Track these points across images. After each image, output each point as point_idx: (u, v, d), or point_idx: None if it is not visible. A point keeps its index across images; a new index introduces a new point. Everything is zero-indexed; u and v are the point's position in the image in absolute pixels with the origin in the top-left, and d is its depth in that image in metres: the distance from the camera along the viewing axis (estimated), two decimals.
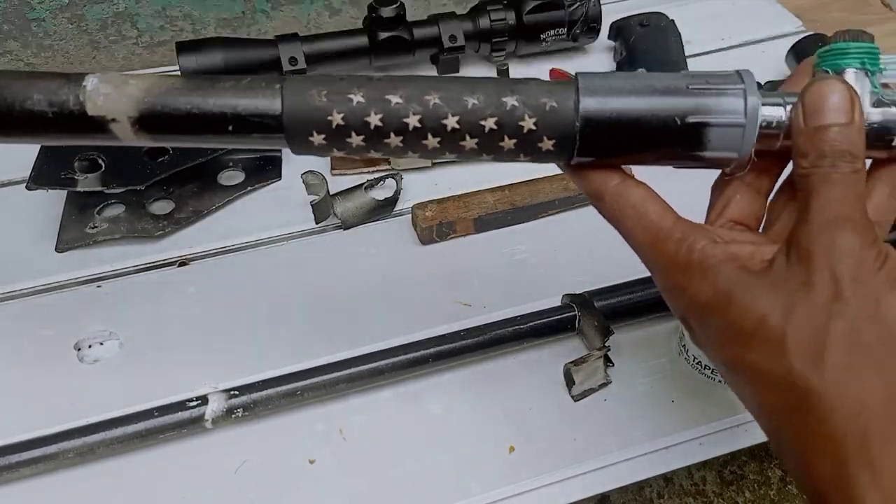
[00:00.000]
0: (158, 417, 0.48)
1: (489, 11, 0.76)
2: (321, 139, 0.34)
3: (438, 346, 0.51)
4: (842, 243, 0.31)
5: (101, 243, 0.62)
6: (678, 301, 0.34)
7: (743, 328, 0.31)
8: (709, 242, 0.33)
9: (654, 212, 0.34)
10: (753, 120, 0.33)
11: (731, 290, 0.32)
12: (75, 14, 0.79)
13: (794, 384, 0.30)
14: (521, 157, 0.35)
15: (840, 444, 0.29)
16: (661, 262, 0.34)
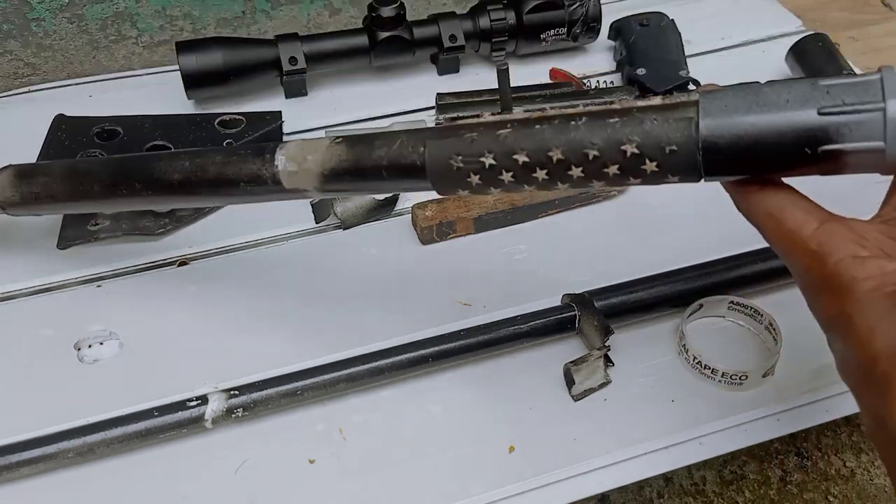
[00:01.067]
0: (158, 417, 0.48)
1: (489, 11, 0.76)
2: (465, 192, 0.39)
3: (438, 346, 0.51)
4: None
5: (102, 241, 0.62)
6: (814, 310, 0.33)
7: (874, 369, 0.29)
8: (846, 257, 0.31)
9: (791, 219, 0.33)
10: (894, 141, 0.30)
11: (870, 320, 0.30)
12: (75, 14, 0.79)
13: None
14: (645, 184, 0.36)
15: None
16: (796, 272, 0.33)
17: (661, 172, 0.34)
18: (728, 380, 0.51)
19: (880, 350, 0.29)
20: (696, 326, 0.55)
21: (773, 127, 0.32)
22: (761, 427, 0.51)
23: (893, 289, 0.30)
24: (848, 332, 0.30)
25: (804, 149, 0.31)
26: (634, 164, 0.34)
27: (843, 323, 0.31)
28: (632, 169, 0.34)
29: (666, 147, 0.33)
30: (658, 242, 0.62)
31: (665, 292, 0.55)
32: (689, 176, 0.34)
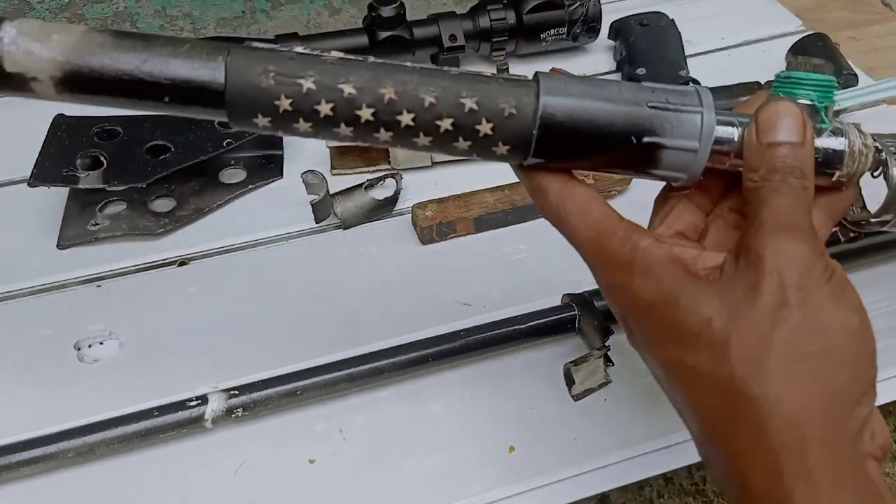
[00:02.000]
0: (158, 417, 0.48)
1: (489, 11, 0.76)
2: (266, 122, 0.33)
3: (438, 346, 0.51)
4: (792, 251, 0.31)
5: (102, 240, 0.62)
6: (620, 299, 0.34)
7: (686, 330, 0.31)
8: (653, 241, 0.33)
9: (598, 209, 0.34)
10: (707, 143, 0.34)
11: (676, 292, 0.32)
12: (75, 14, 0.79)
13: (735, 390, 0.30)
14: (473, 156, 0.35)
15: (777, 454, 0.29)
16: (603, 260, 0.34)
17: (492, 138, 0.33)
18: None
19: (714, 317, 0.31)
20: None
21: (607, 112, 0.33)
22: None
23: (708, 270, 0.33)
24: (673, 308, 0.32)
25: (631, 137, 0.33)
26: (469, 121, 0.33)
27: (667, 301, 0.32)
28: (465, 127, 0.33)
29: (505, 109, 0.33)
30: None
31: None
32: (518, 149, 0.33)
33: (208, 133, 0.66)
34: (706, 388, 0.31)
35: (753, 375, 0.30)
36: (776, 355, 0.30)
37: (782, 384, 0.29)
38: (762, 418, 0.29)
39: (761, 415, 0.29)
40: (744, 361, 0.30)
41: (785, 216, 0.32)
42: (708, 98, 0.34)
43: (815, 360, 0.30)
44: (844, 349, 0.30)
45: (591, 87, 0.34)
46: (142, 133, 0.66)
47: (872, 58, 0.83)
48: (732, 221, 0.37)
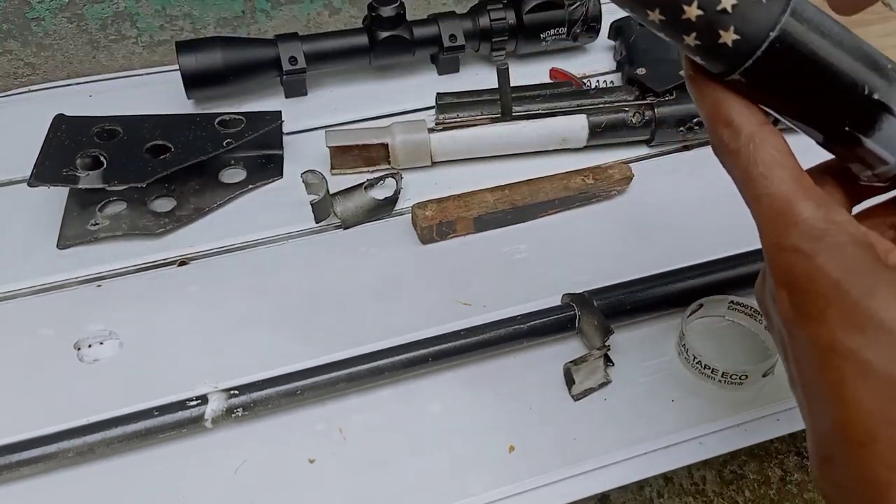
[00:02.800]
0: (158, 417, 0.48)
1: (489, 11, 0.76)
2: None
3: (438, 346, 0.51)
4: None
5: (102, 240, 0.62)
6: (797, 266, 0.31)
7: (876, 322, 0.29)
8: (850, 219, 0.31)
9: (794, 166, 0.31)
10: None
11: (873, 279, 0.30)
12: (75, 13, 0.79)
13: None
14: (690, 37, 0.30)
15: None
16: (790, 221, 0.31)
17: (728, 16, 0.29)
18: (728, 380, 0.52)
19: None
20: (696, 326, 0.55)
21: (852, 50, 0.30)
22: (761, 427, 0.51)
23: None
24: (868, 296, 0.30)
25: (864, 85, 0.30)
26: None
27: (859, 286, 0.30)
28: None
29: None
30: (658, 242, 0.62)
31: (665, 292, 0.55)
32: (743, 46, 0.30)
33: (208, 133, 0.67)
34: (874, 387, 0.29)
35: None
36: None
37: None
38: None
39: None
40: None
41: None
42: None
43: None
44: None
45: (838, 23, 0.31)
46: (142, 133, 0.66)
47: None
48: (892, 237, 0.35)
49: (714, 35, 0.30)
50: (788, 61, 0.30)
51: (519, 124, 0.67)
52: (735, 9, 0.29)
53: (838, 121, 0.31)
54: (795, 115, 0.32)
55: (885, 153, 0.32)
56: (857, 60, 0.30)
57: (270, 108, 0.70)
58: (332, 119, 0.74)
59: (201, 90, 0.72)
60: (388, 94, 0.77)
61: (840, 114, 0.31)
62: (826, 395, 0.31)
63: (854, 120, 0.31)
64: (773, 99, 0.32)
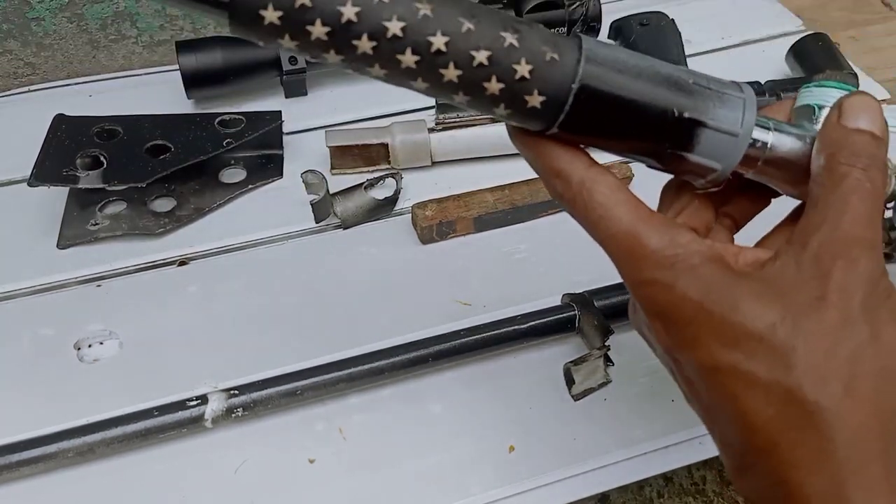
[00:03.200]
0: (158, 417, 0.48)
1: None
2: (276, 16, 0.27)
3: (438, 346, 0.51)
4: (863, 268, 0.30)
5: (102, 240, 0.62)
6: (659, 297, 0.32)
7: (746, 334, 0.30)
8: (693, 237, 0.32)
9: (629, 200, 0.32)
10: (747, 133, 0.32)
11: (733, 293, 0.30)
12: (75, 13, 0.79)
13: (800, 400, 0.29)
14: (500, 108, 0.31)
15: (841, 466, 0.29)
16: (639, 256, 0.32)
17: (528, 83, 0.30)
18: None
19: (779, 323, 0.30)
20: None
21: (652, 79, 0.31)
22: None
23: (755, 268, 0.31)
24: (732, 310, 0.30)
25: (672, 110, 0.31)
26: (507, 58, 0.29)
27: (722, 302, 0.31)
28: (501, 64, 0.29)
29: (547, 53, 0.30)
30: None
31: None
32: (551, 106, 0.30)
33: (208, 133, 0.67)
34: (764, 396, 0.30)
35: (820, 387, 0.29)
36: (841, 370, 0.29)
37: (847, 399, 0.29)
38: (829, 429, 0.29)
39: (828, 426, 0.29)
40: (810, 372, 0.29)
41: (863, 229, 0.30)
42: (749, 89, 0.33)
43: (877, 377, 0.30)
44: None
45: (634, 53, 0.32)
46: (142, 133, 0.66)
47: (872, 58, 0.83)
48: (727, 226, 0.36)
49: (521, 102, 0.30)
50: (597, 105, 0.31)
51: None
52: (532, 73, 0.30)
53: (659, 146, 0.32)
54: (619, 151, 0.33)
55: (710, 162, 0.33)
56: (660, 86, 0.31)
57: (270, 108, 0.70)
58: (332, 119, 0.74)
59: (201, 90, 0.72)
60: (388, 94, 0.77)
61: (658, 139, 0.32)
62: (724, 411, 0.32)
63: (673, 141, 0.32)
64: (593, 140, 0.32)
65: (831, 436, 0.29)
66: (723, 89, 0.32)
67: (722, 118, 0.32)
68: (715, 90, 0.32)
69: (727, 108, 0.32)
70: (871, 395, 0.30)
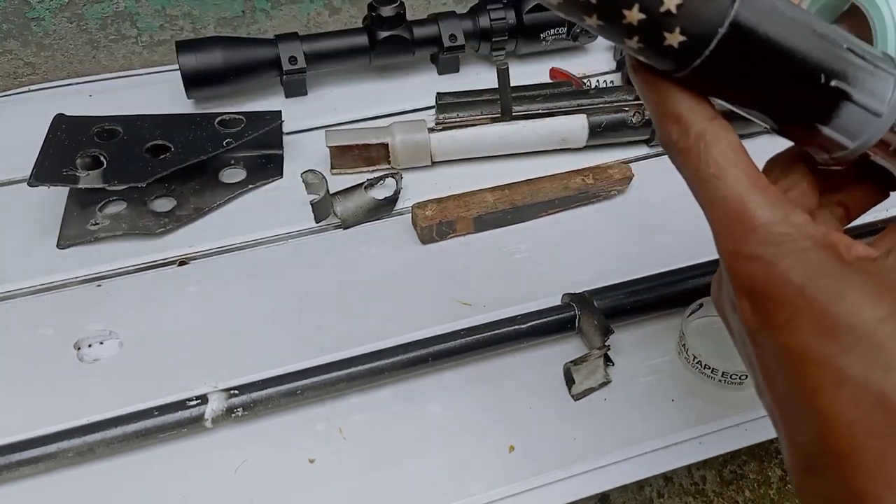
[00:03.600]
0: (158, 417, 0.48)
1: (489, 11, 0.76)
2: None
3: (438, 346, 0.51)
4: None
5: (102, 240, 0.62)
6: (758, 273, 0.29)
7: (848, 327, 0.28)
8: (808, 219, 0.29)
9: (748, 164, 0.29)
10: (892, 114, 0.29)
11: (841, 282, 0.28)
12: (75, 13, 0.79)
13: (891, 406, 0.27)
14: (633, 41, 0.28)
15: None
16: (746, 226, 0.29)
17: (673, 17, 0.27)
18: (728, 379, 0.52)
19: (884, 322, 0.28)
20: (696, 326, 0.55)
21: (806, 36, 0.29)
22: (761, 427, 0.51)
23: (867, 262, 0.29)
24: (837, 301, 0.28)
25: (820, 74, 0.29)
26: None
27: (828, 290, 0.28)
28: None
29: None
30: (658, 242, 0.62)
31: (665, 292, 0.55)
32: (692, 45, 0.28)
33: (208, 133, 0.67)
34: (853, 396, 0.28)
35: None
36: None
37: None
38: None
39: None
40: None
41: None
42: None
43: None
44: None
45: (790, 3, 0.29)
46: (142, 133, 0.66)
47: None
48: (839, 215, 0.34)
49: (658, 38, 0.28)
50: (739, 56, 0.28)
51: (519, 124, 0.67)
52: (680, 9, 0.27)
53: (794, 111, 0.30)
54: (748, 107, 0.31)
55: (844, 139, 0.30)
56: (815, 45, 0.29)
57: (270, 108, 0.70)
58: (332, 119, 0.74)
59: (201, 90, 0.72)
60: (388, 94, 0.77)
61: (796, 104, 0.30)
62: (802, 405, 0.30)
63: (811, 109, 0.30)
64: (724, 92, 0.30)
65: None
66: (877, 62, 0.30)
67: (869, 93, 0.29)
68: (869, 61, 0.29)
69: (877, 84, 0.29)
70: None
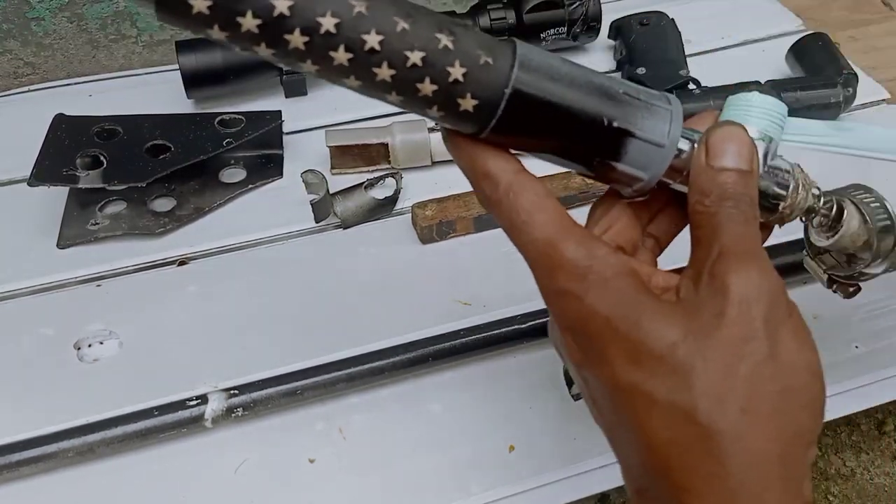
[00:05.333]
0: (158, 416, 0.48)
1: (489, 10, 0.76)
2: (205, 6, 0.26)
3: (438, 346, 0.51)
4: (759, 281, 0.30)
5: (102, 240, 0.62)
6: (570, 309, 0.31)
7: (647, 352, 0.30)
8: (610, 251, 0.31)
9: (553, 208, 0.31)
10: (673, 144, 0.32)
11: (638, 309, 0.30)
12: (75, 13, 0.79)
13: (696, 421, 0.28)
14: (432, 110, 0.30)
15: (734, 493, 0.28)
16: (554, 265, 0.31)
17: (462, 86, 0.30)
18: None
19: (679, 343, 0.29)
20: None
21: (583, 87, 0.32)
22: None
23: (664, 290, 0.32)
24: (636, 327, 0.30)
25: (602, 119, 0.31)
26: (441, 60, 0.29)
27: (628, 318, 0.30)
28: (436, 66, 0.29)
29: (481, 57, 0.30)
30: None
31: None
32: (484, 109, 0.30)
33: (208, 133, 0.67)
34: (662, 417, 0.29)
35: (717, 409, 0.28)
36: (741, 390, 0.29)
37: (745, 420, 0.28)
38: (723, 454, 0.28)
39: (722, 450, 0.28)
40: (708, 393, 0.29)
41: (746, 244, 0.30)
42: (676, 101, 0.33)
43: (779, 398, 0.29)
44: (806, 390, 0.30)
45: (566, 61, 0.32)
46: (142, 133, 0.66)
47: (872, 57, 0.83)
48: (650, 246, 0.36)
49: (454, 105, 0.30)
50: (529, 111, 0.31)
51: None
52: (466, 76, 0.30)
53: (588, 153, 0.33)
54: (550, 153, 0.33)
55: (637, 171, 0.33)
56: (591, 95, 0.32)
57: (270, 108, 0.70)
58: (332, 118, 0.74)
59: (201, 90, 0.72)
60: None
61: (588, 147, 0.32)
62: (626, 431, 0.31)
63: (602, 150, 0.32)
64: (525, 145, 0.33)
65: (726, 460, 0.28)
66: (651, 101, 0.33)
67: (649, 129, 0.32)
68: (644, 101, 0.32)
69: (655, 120, 0.32)
70: (771, 416, 0.29)
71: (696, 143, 0.33)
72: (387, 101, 0.30)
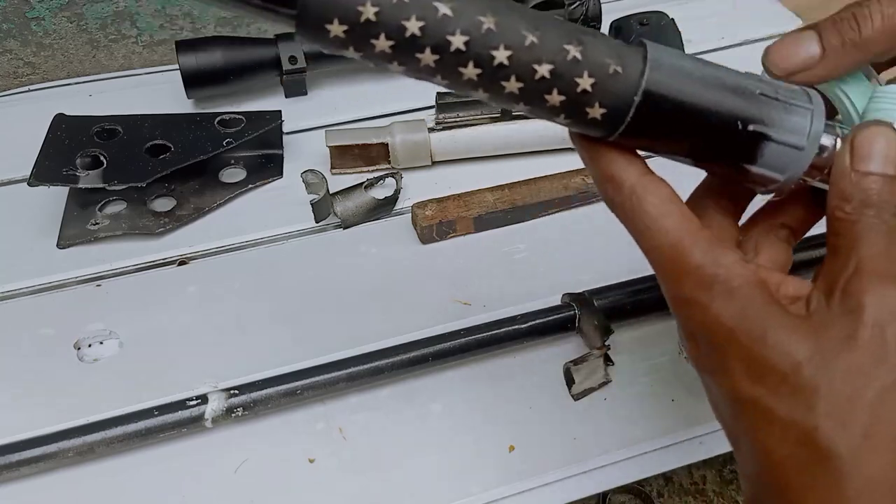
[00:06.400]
0: (158, 416, 0.48)
1: None
2: (341, 31, 0.28)
3: (438, 346, 0.51)
4: (894, 302, 0.29)
5: (102, 240, 0.62)
6: (695, 317, 0.31)
7: (771, 369, 0.29)
8: (738, 259, 0.31)
9: (679, 212, 0.31)
10: (813, 146, 0.31)
11: (764, 324, 0.30)
12: (75, 13, 0.79)
13: (816, 443, 0.28)
14: (560, 118, 0.31)
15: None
16: (680, 271, 0.31)
17: (590, 96, 0.30)
18: None
19: (806, 362, 0.29)
20: None
21: (717, 90, 0.31)
22: None
23: (794, 302, 0.31)
24: (760, 342, 0.30)
25: (737, 122, 0.31)
26: (570, 71, 0.29)
27: (752, 332, 0.30)
28: (564, 77, 0.29)
29: (610, 66, 0.29)
30: None
31: None
32: (612, 117, 0.30)
33: (208, 133, 0.67)
34: (782, 434, 0.29)
35: (840, 432, 0.28)
36: (864, 414, 0.28)
37: (866, 446, 0.28)
38: (842, 477, 0.28)
39: (841, 473, 0.28)
40: (831, 415, 0.28)
41: (886, 262, 0.29)
42: (817, 98, 0.32)
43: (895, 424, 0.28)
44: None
45: (700, 62, 0.31)
46: (142, 132, 0.66)
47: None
48: (784, 237, 0.35)
49: (582, 113, 0.30)
50: (659, 117, 0.30)
51: (519, 124, 0.67)
52: (595, 87, 0.29)
53: (720, 156, 0.32)
54: (679, 156, 0.33)
55: (773, 174, 0.32)
56: (726, 97, 0.31)
57: (270, 108, 0.70)
58: (332, 119, 0.74)
59: (201, 90, 0.72)
60: (388, 93, 0.77)
61: (721, 151, 0.32)
62: (745, 441, 0.31)
63: (736, 153, 0.32)
64: (654, 147, 0.32)
65: (843, 484, 0.28)
66: (790, 99, 0.31)
67: (787, 131, 0.31)
68: (782, 100, 0.31)
69: (793, 121, 0.31)
70: (893, 443, 0.28)
71: (842, 139, 0.32)
72: (514, 109, 0.31)
